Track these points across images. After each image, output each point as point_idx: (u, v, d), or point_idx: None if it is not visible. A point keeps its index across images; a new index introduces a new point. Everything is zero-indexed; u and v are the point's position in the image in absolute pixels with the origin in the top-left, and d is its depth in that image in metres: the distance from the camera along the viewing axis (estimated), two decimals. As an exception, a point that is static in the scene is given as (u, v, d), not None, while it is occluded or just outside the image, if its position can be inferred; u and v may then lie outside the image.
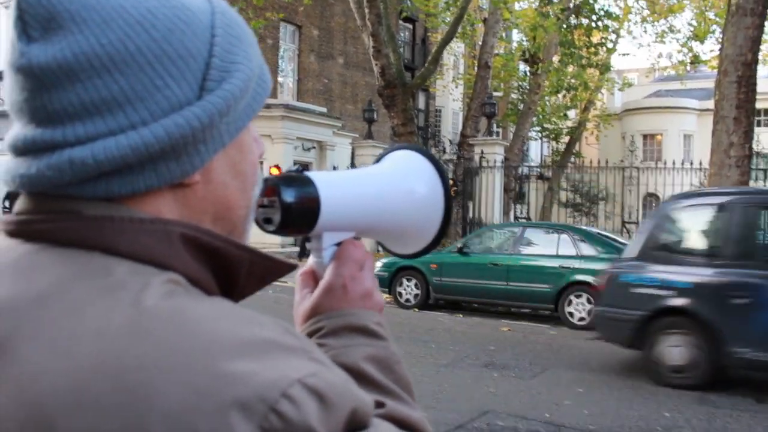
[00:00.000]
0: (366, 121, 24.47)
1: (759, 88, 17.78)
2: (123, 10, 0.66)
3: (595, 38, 27.43)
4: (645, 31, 44.46)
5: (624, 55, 44.13)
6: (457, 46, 31.62)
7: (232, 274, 0.73)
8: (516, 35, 32.67)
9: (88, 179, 0.67)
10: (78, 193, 0.68)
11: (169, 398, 0.57)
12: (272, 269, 0.76)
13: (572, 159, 35.00)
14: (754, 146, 18.23)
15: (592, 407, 7.11)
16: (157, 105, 0.67)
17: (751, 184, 18.13)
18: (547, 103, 32.80)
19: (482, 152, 21.72)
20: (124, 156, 0.66)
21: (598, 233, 13.87)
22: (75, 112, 0.65)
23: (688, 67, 29.85)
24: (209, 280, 0.71)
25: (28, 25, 0.66)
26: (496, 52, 26.14)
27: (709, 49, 32.97)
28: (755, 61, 17.42)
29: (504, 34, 28.61)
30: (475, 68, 25.85)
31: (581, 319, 12.19)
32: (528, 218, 23.99)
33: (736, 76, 17.22)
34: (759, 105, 18.66)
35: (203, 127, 0.69)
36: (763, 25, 17.56)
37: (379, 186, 0.97)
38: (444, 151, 26.11)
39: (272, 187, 0.85)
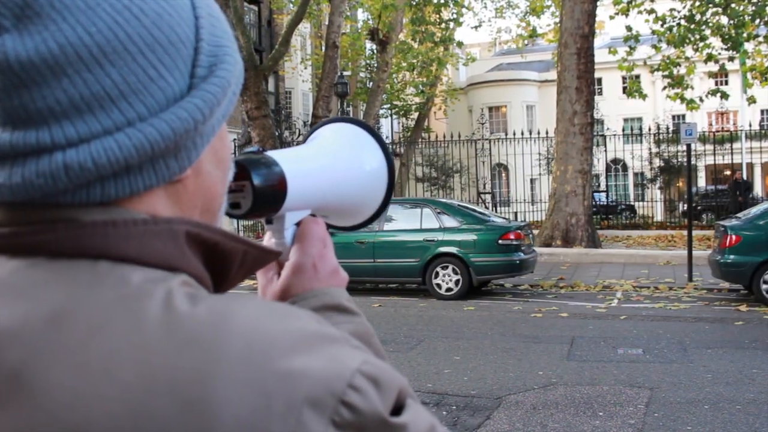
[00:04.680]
0: (217, 105, 23.93)
1: (595, 59, 18.79)
2: None
3: (445, 14, 28.02)
4: (485, 7, 45.85)
5: (475, 27, 45.09)
6: (304, 27, 31.45)
7: (226, 266, 0.70)
8: (361, 14, 32.87)
9: (83, 185, 0.61)
10: (69, 200, 0.62)
11: (236, 405, 0.55)
12: (261, 258, 0.73)
13: (423, 134, 35.74)
14: (595, 114, 19.32)
15: (471, 373, 7.37)
16: (153, 98, 0.62)
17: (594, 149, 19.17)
18: (395, 80, 33.27)
19: (337, 132, 21.80)
20: (128, 157, 0.60)
21: (459, 205, 14.27)
22: (63, 111, 0.59)
23: (527, 41, 30.97)
24: (207, 276, 0.68)
25: None
26: (342, 31, 26.21)
27: (546, 23, 34.37)
28: (592, 33, 18.39)
29: (349, 13, 28.72)
30: (323, 48, 25.81)
31: (449, 289, 12.55)
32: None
33: (575, 48, 18.13)
34: (596, 74, 19.66)
35: (204, 120, 0.65)
36: (597, -1, 18.51)
37: (332, 161, 0.96)
38: (298, 134, 25.98)
39: (240, 170, 0.82)
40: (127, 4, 0.61)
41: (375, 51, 31.88)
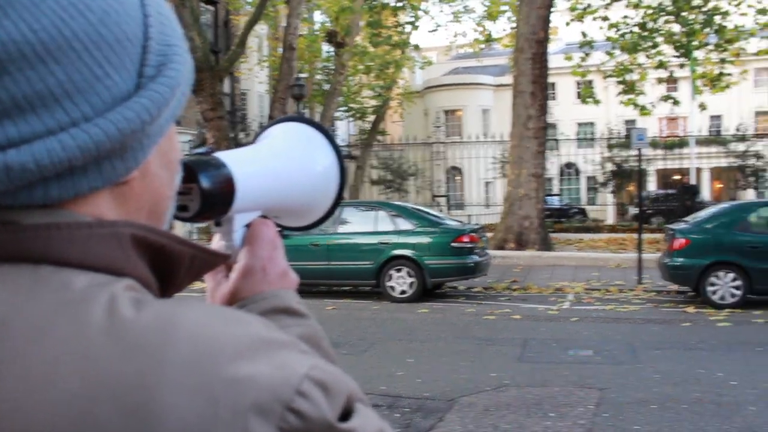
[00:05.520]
0: (172, 106, 23.70)
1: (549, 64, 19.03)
2: None
3: (402, 18, 28.15)
4: (442, 11, 46.02)
5: (432, 31, 45.19)
6: (261, 28, 31.28)
7: (173, 270, 0.68)
8: (319, 16, 32.83)
9: (25, 186, 0.59)
10: (10, 202, 0.59)
11: (182, 412, 0.54)
12: (209, 262, 0.72)
13: (378, 137, 35.80)
14: (549, 118, 19.57)
15: (424, 375, 7.41)
16: (98, 97, 0.60)
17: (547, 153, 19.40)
18: (352, 82, 33.29)
19: (293, 134, 21.72)
20: (72, 158, 0.58)
21: (413, 207, 14.32)
22: (4, 110, 0.57)
23: (483, 45, 31.22)
24: (153, 280, 0.66)
25: None
26: (299, 33, 26.15)
27: (502, 28, 34.71)
28: (547, 39, 18.63)
29: (307, 15, 28.67)
30: (280, 50, 25.73)
31: (403, 292, 12.58)
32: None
33: (530, 53, 18.34)
34: (550, 79, 19.92)
35: (152, 120, 0.63)
36: (552, 5, 18.76)
37: (282, 161, 0.94)
38: (254, 136, 25.86)
39: (187, 172, 0.79)
40: (73, 0, 0.59)
41: (332, 53, 31.89)
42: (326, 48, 33.61)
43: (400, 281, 12.67)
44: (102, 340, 0.56)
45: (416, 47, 30.05)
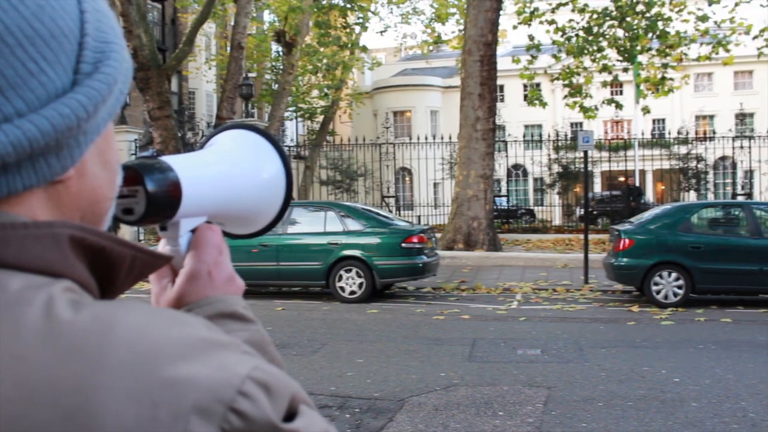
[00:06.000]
0: (118, 105, 23.37)
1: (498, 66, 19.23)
2: None
3: (351, 18, 28.16)
4: (391, 12, 46.12)
5: (382, 32, 45.29)
6: (209, 27, 30.99)
7: (113, 271, 0.67)
8: (268, 15, 32.65)
9: None
10: None
11: (120, 416, 0.53)
12: (151, 263, 0.71)
13: (328, 137, 35.76)
14: (497, 120, 19.76)
15: (374, 376, 7.42)
16: (32, 93, 0.58)
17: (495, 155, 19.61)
18: (300, 82, 33.21)
19: (242, 134, 21.57)
20: (4, 155, 0.57)
21: (363, 208, 14.32)
22: None
23: (432, 47, 31.41)
24: (92, 282, 0.65)
25: None
26: (248, 32, 25.97)
27: (450, 30, 34.96)
28: (495, 41, 18.83)
29: (255, 14, 28.50)
30: (228, 49, 25.52)
31: (352, 292, 12.58)
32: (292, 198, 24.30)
33: (479, 55, 18.51)
34: (498, 82, 20.13)
35: (88, 117, 0.62)
36: (500, 8, 18.96)
37: (229, 167, 0.95)
38: (202, 135, 25.60)
39: (133, 175, 0.80)
40: None
41: (281, 53, 31.73)
42: (275, 47, 33.46)
43: (350, 282, 12.67)
44: (38, 342, 0.54)
45: (364, 48, 30.08)
